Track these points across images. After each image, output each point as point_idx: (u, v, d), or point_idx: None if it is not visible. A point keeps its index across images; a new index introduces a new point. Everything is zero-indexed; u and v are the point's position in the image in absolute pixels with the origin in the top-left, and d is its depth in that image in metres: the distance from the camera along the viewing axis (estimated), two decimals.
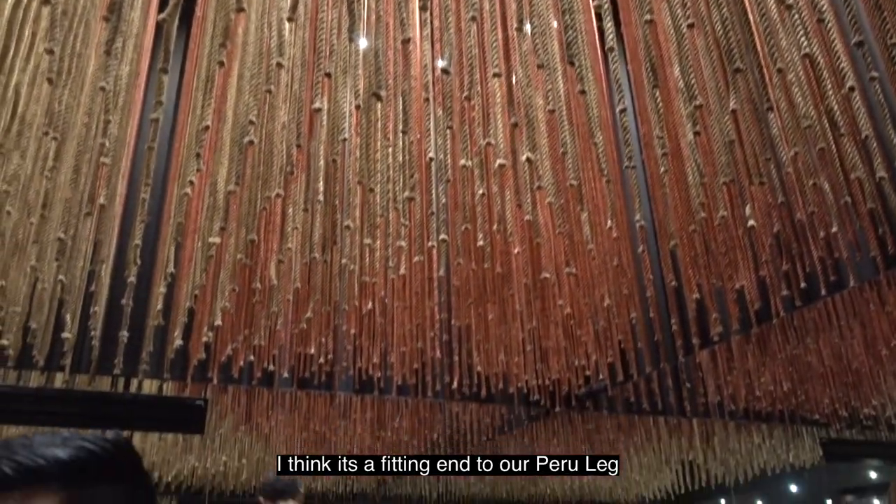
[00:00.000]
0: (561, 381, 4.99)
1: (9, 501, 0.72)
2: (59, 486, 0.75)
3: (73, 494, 0.75)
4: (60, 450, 0.76)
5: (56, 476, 0.75)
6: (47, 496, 0.74)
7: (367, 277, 3.73)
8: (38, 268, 3.51)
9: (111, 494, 0.79)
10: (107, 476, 0.78)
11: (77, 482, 0.76)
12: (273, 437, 6.27)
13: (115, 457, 0.80)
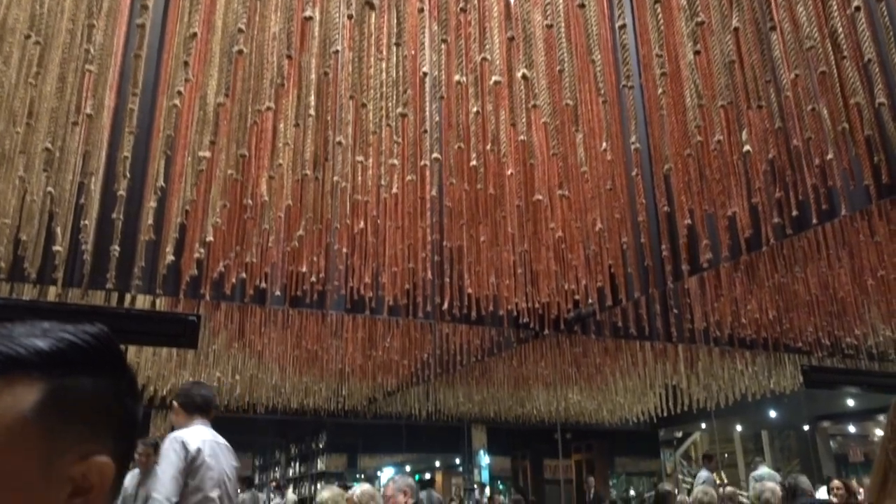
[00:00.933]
0: (550, 305, 5.05)
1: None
2: (40, 375, 0.74)
3: (54, 384, 0.74)
4: (41, 340, 0.75)
5: (37, 365, 0.74)
6: (29, 385, 0.73)
7: (358, 196, 3.71)
8: (27, 179, 3.47)
9: (93, 386, 0.78)
10: (88, 367, 0.77)
11: (58, 372, 0.75)
12: (266, 354, 6.37)
13: (97, 348, 0.79)
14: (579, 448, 12.04)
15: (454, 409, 9.06)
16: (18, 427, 0.71)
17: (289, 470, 11.70)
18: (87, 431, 0.76)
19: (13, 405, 0.71)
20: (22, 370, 0.73)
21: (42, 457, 0.72)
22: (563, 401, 8.77)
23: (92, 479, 0.75)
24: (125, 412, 0.81)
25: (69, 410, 0.75)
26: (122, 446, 0.80)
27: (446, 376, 7.63)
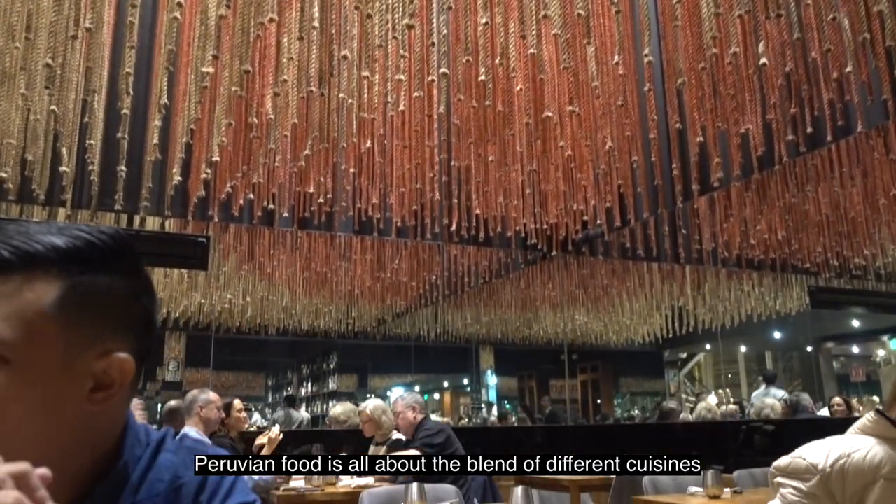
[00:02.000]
0: (558, 226, 5.04)
1: (8, 285, 0.72)
2: (58, 272, 0.74)
3: (73, 281, 0.75)
4: (57, 237, 0.75)
5: (55, 261, 0.74)
6: (48, 281, 0.73)
7: (365, 114, 3.66)
8: (29, 97, 3.43)
9: (110, 284, 0.78)
10: (106, 266, 0.78)
11: (77, 269, 0.75)
12: (276, 276, 6.42)
13: (113, 248, 0.79)
14: (585, 369, 12.27)
15: (462, 330, 9.19)
16: (39, 322, 0.72)
17: (301, 389, 12.00)
18: (106, 329, 0.77)
19: (34, 301, 0.72)
20: (41, 267, 0.73)
21: (63, 352, 0.73)
22: (569, 322, 8.87)
23: (113, 375, 0.77)
24: (143, 311, 0.82)
25: (89, 308, 0.75)
26: (140, 345, 0.81)
27: (454, 298, 7.70)
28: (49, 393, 0.72)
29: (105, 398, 0.77)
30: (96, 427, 0.78)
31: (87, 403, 0.76)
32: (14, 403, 0.70)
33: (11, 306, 0.71)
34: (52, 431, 0.73)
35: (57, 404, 0.73)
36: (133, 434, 0.83)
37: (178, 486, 0.83)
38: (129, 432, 0.83)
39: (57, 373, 0.73)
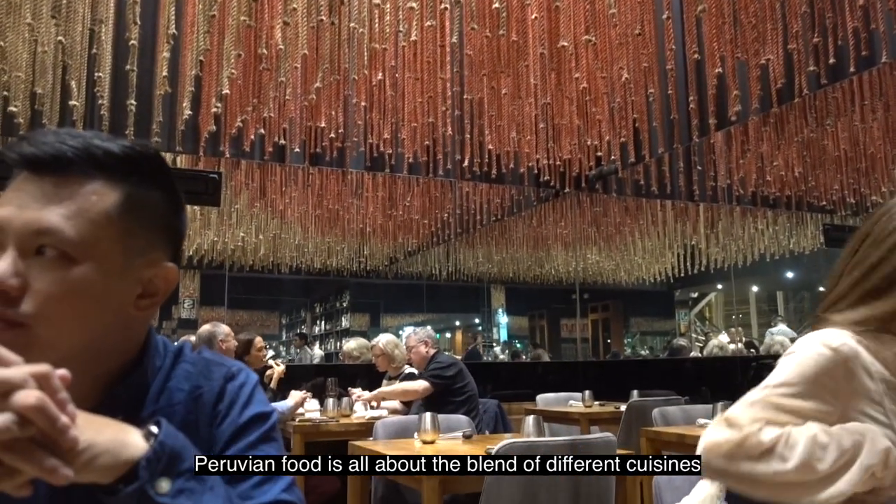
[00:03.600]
0: (572, 162, 4.98)
1: (69, 187, 0.73)
2: (118, 180, 0.76)
3: (130, 190, 0.77)
4: (112, 145, 0.77)
5: (114, 169, 0.76)
6: (109, 187, 0.75)
7: (376, 44, 3.59)
8: (35, 27, 3.38)
9: (159, 197, 0.81)
10: (153, 180, 0.80)
11: (134, 179, 0.77)
12: (288, 213, 6.43)
13: (159, 164, 0.82)
14: (596, 308, 12.34)
15: (474, 269, 9.22)
16: (103, 224, 0.74)
17: (314, 328, 12.17)
18: (155, 239, 0.80)
19: (97, 203, 0.74)
20: (101, 171, 0.75)
21: (120, 256, 0.75)
22: (581, 261, 8.87)
23: (158, 284, 0.80)
24: (181, 227, 0.85)
25: (142, 217, 0.78)
26: (177, 259, 0.84)
27: (466, 236, 7.70)
28: (105, 294, 0.74)
29: (148, 305, 0.80)
30: (131, 333, 0.80)
31: (133, 308, 0.78)
32: (74, 302, 0.72)
33: (75, 206, 0.73)
34: (98, 332, 0.75)
35: (109, 306, 0.75)
36: (154, 345, 0.85)
37: (197, 394, 0.85)
38: (151, 342, 0.84)
39: (114, 275, 0.75)
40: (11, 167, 0.75)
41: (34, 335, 0.69)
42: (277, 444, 0.87)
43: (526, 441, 2.23)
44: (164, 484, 0.64)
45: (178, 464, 0.66)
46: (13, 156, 0.73)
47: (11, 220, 0.71)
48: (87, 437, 0.61)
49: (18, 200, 0.72)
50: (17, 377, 0.58)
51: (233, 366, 0.91)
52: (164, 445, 0.65)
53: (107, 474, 0.63)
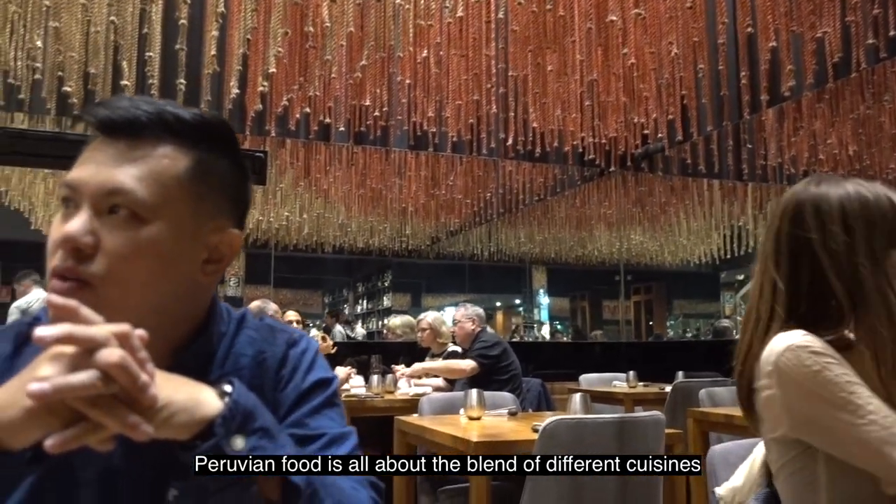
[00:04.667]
0: (618, 140, 4.91)
1: (140, 149, 0.75)
2: (189, 145, 0.77)
3: (200, 156, 0.78)
4: (183, 112, 0.78)
5: (185, 134, 0.77)
6: (180, 152, 0.77)
7: (422, 21, 3.57)
8: (89, 7, 3.44)
9: (227, 166, 0.82)
10: (222, 147, 0.81)
11: (204, 146, 0.79)
12: (332, 193, 6.48)
13: (227, 132, 0.83)
14: (638, 290, 12.21)
15: (516, 249, 9.17)
16: (174, 188, 0.75)
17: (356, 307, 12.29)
18: (222, 206, 0.81)
19: (169, 167, 0.76)
20: (173, 136, 0.76)
21: (189, 220, 0.77)
22: (624, 242, 8.76)
23: (223, 250, 0.81)
24: (246, 195, 0.87)
25: (210, 183, 0.79)
26: (241, 227, 0.85)
27: (508, 216, 7.66)
28: (173, 257, 0.75)
29: (214, 271, 0.81)
30: (197, 299, 0.82)
31: (200, 273, 0.80)
32: (143, 262, 0.73)
33: (147, 168, 0.74)
34: (165, 295, 0.77)
35: (177, 269, 0.77)
36: (218, 311, 0.86)
37: (261, 359, 0.86)
38: (215, 309, 0.86)
39: (183, 239, 0.76)
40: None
41: (103, 295, 0.71)
42: (340, 409, 0.88)
43: (574, 417, 2.23)
44: (239, 441, 0.66)
45: (251, 422, 0.67)
46: (90, 119, 0.75)
47: (87, 180, 0.73)
48: (166, 394, 0.62)
49: (94, 162, 0.74)
50: (101, 335, 0.59)
51: (294, 332, 0.92)
52: (238, 404, 0.67)
53: (183, 431, 0.64)
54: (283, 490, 0.69)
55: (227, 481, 0.66)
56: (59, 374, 0.58)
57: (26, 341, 0.81)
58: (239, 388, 0.69)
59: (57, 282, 0.70)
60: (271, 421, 0.71)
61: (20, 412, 0.59)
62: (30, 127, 4.71)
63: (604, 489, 2.21)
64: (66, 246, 0.70)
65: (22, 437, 0.60)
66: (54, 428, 0.59)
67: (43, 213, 6.66)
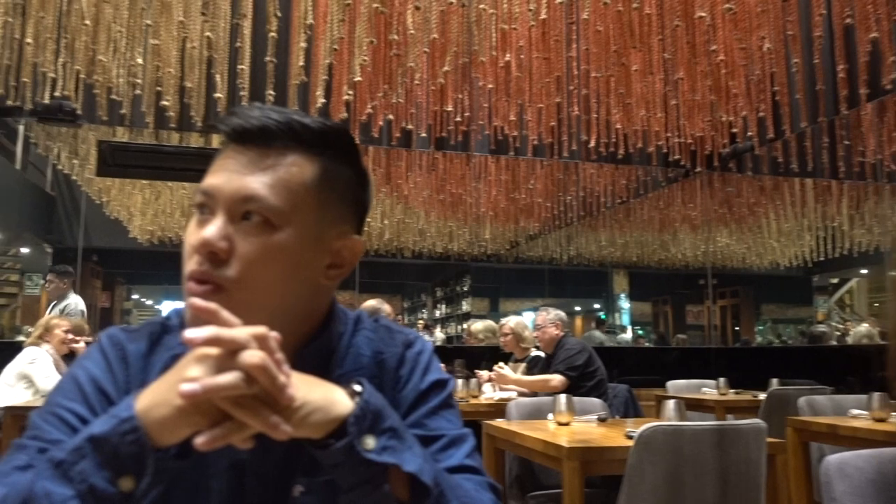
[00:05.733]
0: (704, 140, 4.78)
1: (270, 158, 0.77)
2: (315, 153, 0.79)
3: (325, 164, 0.80)
4: (310, 120, 0.79)
5: (311, 143, 0.79)
6: (307, 160, 0.78)
7: (505, 25, 3.57)
8: (186, 25, 3.59)
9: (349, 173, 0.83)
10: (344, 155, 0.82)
11: (329, 154, 0.80)
12: (412, 198, 6.55)
13: (349, 140, 0.84)
14: (724, 294, 11.80)
15: (596, 253, 9.04)
16: (303, 195, 0.77)
17: (435, 311, 12.37)
18: (345, 212, 0.83)
19: (298, 174, 0.77)
20: (300, 144, 0.78)
21: (315, 226, 0.78)
22: (710, 244, 8.50)
23: (345, 255, 0.83)
24: (366, 201, 0.87)
25: (335, 190, 0.80)
26: (360, 232, 0.86)
27: (589, 219, 7.56)
28: (302, 262, 0.78)
29: (336, 276, 0.83)
30: (318, 301, 0.84)
31: (323, 277, 0.82)
32: (274, 266, 0.75)
33: (277, 176, 0.76)
34: (291, 297, 0.79)
35: (304, 273, 0.79)
36: (336, 312, 0.88)
37: (379, 359, 0.88)
38: (334, 310, 0.88)
39: (310, 244, 0.78)
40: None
41: (236, 298, 0.73)
42: (456, 410, 0.88)
43: (671, 424, 2.17)
44: (370, 441, 0.67)
45: (381, 422, 0.68)
46: (224, 128, 0.77)
47: (222, 187, 0.75)
48: (302, 394, 0.64)
49: (227, 169, 0.76)
50: (243, 338, 0.61)
51: (410, 333, 0.93)
52: (369, 404, 0.68)
53: (318, 430, 0.66)
54: (411, 490, 0.69)
55: (360, 480, 0.67)
56: (206, 375, 0.60)
57: (159, 340, 0.85)
58: (368, 387, 0.70)
59: (193, 285, 0.73)
60: (399, 421, 0.71)
61: (172, 411, 0.62)
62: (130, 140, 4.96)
63: (703, 498, 2.14)
64: (203, 251, 0.73)
65: (173, 434, 0.63)
66: (201, 426, 0.62)
67: (140, 221, 6.99)
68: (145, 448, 0.62)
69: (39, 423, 0.76)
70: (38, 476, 0.63)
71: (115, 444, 0.62)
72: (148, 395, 0.64)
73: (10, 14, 3.54)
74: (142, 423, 0.62)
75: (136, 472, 0.62)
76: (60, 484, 0.62)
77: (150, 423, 0.62)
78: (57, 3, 3.61)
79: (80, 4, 3.53)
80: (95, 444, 0.62)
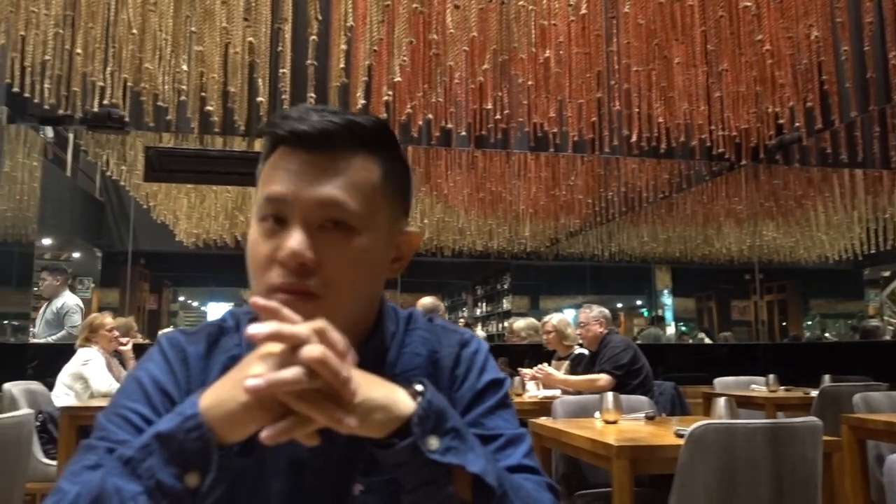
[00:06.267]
0: (749, 132, 4.68)
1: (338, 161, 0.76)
2: (378, 154, 0.79)
3: (386, 165, 0.80)
4: (365, 119, 0.79)
5: (368, 142, 0.78)
6: (371, 161, 0.78)
7: (545, 21, 3.55)
8: (230, 30, 3.65)
9: (402, 171, 0.84)
10: (395, 150, 0.83)
11: (387, 154, 0.80)
12: (451, 197, 6.55)
13: (394, 135, 0.84)
14: (770, 288, 11.54)
15: (638, 249, 8.93)
16: (374, 196, 0.77)
17: (475, 310, 12.36)
18: (401, 207, 0.84)
19: (367, 177, 0.77)
20: (364, 147, 0.78)
21: (385, 224, 0.79)
22: (756, 238, 8.33)
23: (404, 249, 0.84)
24: (411, 196, 0.88)
25: (395, 187, 0.81)
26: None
27: (631, 215, 7.48)
28: (378, 261, 0.79)
29: (398, 269, 0.84)
30: (379, 295, 0.84)
31: (388, 271, 0.83)
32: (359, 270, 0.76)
33: (348, 179, 0.76)
34: (371, 297, 0.81)
35: (380, 272, 0.80)
36: (386, 310, 0.88)
37: (434, 359, 0.87)
38: (384, 307, 0.87)
39: (384, 244, 0.79)
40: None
41: (327, 304, 0.73)
42: (513, 410, 0.88)
43: (723, 423, 2.13)
44: (434, 441, 0.66)
45: (445, 422, 0.68)
46: (281, 132, 0.76)
47: (295, 194, 0.74)
48: (364, 391, 0.64)
49: (295, 176, 0.75)
50: (303, 333, 0.62)
51: (464, 333, 0.92)
52: (432, 404, 0.68)
53: (380, 429, 0.65)
54: (475, 490, 0.69)
55: (423, 480, 0.67)
56: (269, 370, 0.61)
57: (216, 342, 0.86)
58: (430, 388, 0.70)
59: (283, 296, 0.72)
60: (461, 421, 0.71)
61: (237, 407, 0.62)
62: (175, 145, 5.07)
63: (757, 499, 2.10)
64: (292, 262, 0.72)
65: (237, 431, 0.64)
66: (266, 422, 0.62)
67: (186, 225, 7.13)
68: (210, 444, 0.63)
69: (106, 424, 0.78)
70: (108, 474, 0.65)
71: (181, 440, 0.63)
72: (211, 393, 0.65)
73: (60, 26, 3.63)
74: (206, 420, 0.63)
75: (201, 468, 0.63)
76: (129, 480, 0.63)
77: (214, 420, 0.63)
78: (105, 14, 3.70)
79: (127, 14, 3.61)
80: (162, 441, 0.64)
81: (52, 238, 6.52)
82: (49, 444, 3.54)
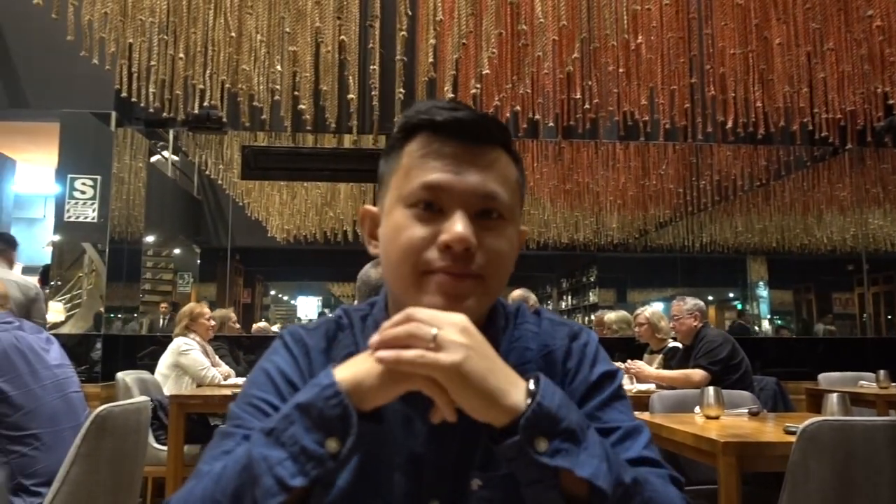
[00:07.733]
0: (856, 114, 4.43)
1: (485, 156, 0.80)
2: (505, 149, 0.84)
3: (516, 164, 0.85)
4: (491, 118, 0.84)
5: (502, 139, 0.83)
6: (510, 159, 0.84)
7: (637, 6, 3.46)
8: (322, 30, 3.73)
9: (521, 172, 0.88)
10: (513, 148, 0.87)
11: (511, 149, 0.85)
12: (537, 189, 6.49)
13: None
14: (876, 279, 10.90)
15: (731, 239, 8.60)
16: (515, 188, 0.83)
17: (560, 303, 12.23)
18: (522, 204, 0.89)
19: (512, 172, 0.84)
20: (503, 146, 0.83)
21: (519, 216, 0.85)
22: (860, 227, 7.88)
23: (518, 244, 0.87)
24: None
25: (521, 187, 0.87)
26: None
27: (724, 204, 7.22)
28: (515, 250, 0.83)
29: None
30: None
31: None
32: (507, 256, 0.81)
33: (499, 173, 0.81)
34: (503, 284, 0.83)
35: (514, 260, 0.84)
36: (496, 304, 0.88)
37: (546, 353, 0.87)
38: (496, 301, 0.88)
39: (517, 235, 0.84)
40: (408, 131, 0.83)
41: (487, 286, 0.79)
42: (627, 402, 0.87)
43: (839, 420, 2.03)
44: (543, 443, 0.66)
45: (557, 423, 0.67)
46: (440, 118, 0.79)
47: (455, 184, 0.78)
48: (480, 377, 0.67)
49: (452, 166, 0.79)
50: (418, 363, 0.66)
51: (574, 325, 0.92)
52: (542, 406, 0.67)
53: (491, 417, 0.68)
54: (590, 491, 0.67)
55: (532, 478, 0.67)
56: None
57: (334, 338, 0.89)
58: (545, 386, 0.69)
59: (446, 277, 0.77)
60: (578, 419, 0.69)
61: (371, 376, 0.68)
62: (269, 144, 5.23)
63: (877, 501, 1.99)
64: (459, 246, 0.76)
65: (371, 398, 0.68)
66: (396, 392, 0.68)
67: (278, 221, 7.35)
68: (348, 409, 0.66)
69: (239, 413, 0.82)
70: (253, 445, 0.69)
71: (321, 408, 0.66)
72: (345, 367, 0.70)
73: (164, 32, 3.80)
74: (343, 389, 0.67)
75: (341, 433, 0.66)
76: (274, 448, 0.67)
77: (350, 389, 0.67)
78: (204, 18, 3.85)
79: (225, 17, 3.74)
80: (302, 410, 0.67)
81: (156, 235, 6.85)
82: (159, 431, 3.73)
